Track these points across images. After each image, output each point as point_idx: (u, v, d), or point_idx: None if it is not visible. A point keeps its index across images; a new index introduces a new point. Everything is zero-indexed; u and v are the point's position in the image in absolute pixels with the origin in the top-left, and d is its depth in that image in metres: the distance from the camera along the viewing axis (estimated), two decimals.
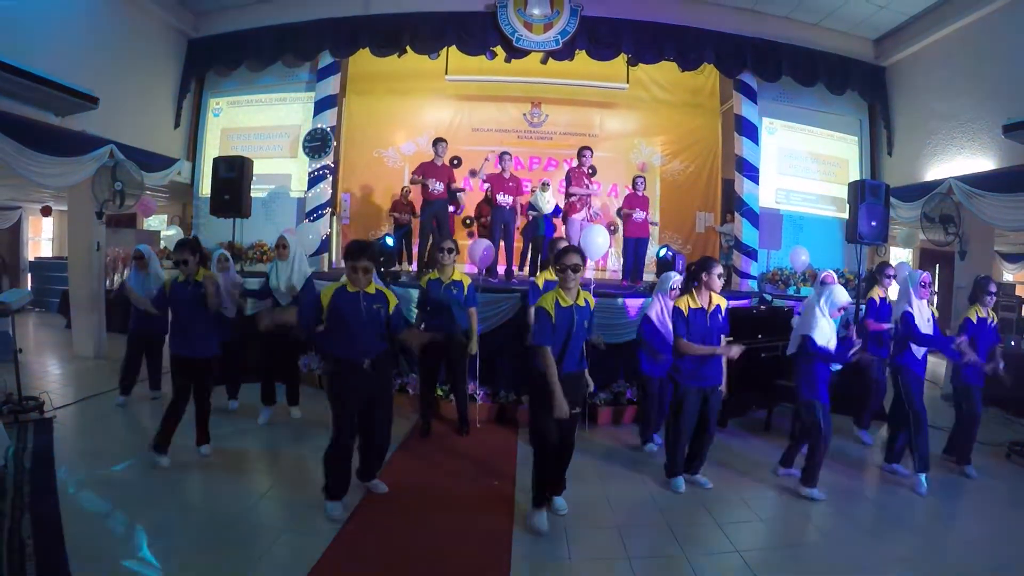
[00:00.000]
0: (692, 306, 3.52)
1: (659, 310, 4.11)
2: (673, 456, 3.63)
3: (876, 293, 4.88)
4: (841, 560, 2.90)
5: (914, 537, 3.18)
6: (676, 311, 3.55)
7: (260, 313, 3.78)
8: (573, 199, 6.34)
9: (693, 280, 3.59)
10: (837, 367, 3.67)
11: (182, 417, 3.68)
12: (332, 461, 3.05)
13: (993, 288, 4.13)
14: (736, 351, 3.44)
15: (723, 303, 3.60)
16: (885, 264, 5.12)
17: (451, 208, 6.47)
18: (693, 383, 3.52)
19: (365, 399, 3.08)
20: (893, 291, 4.83)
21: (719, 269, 3.54)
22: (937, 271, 9.80)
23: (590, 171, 6.56)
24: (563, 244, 3.92)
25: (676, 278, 4.18)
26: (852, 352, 3.54)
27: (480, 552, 2.83)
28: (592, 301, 3.11)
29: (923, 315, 3.86)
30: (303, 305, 3.06)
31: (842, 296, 3.49)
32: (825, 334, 3.49)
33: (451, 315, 4.27)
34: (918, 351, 3.87)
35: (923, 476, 3.73)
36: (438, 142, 6.31)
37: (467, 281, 4.34)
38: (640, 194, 6.59)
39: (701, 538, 3.06)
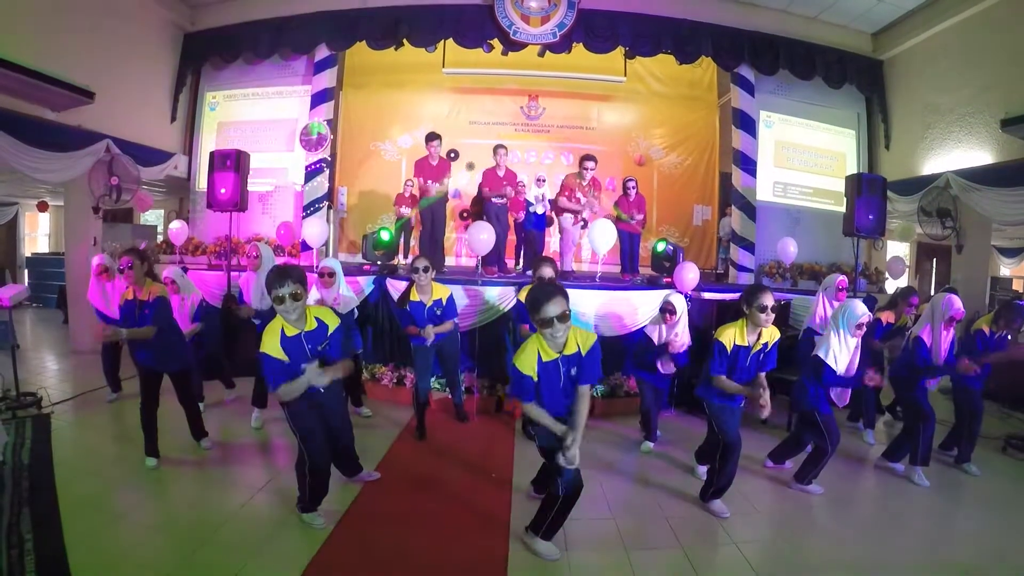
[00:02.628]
0: (738, 342, 3.07)
1: (659, 336, 4.10)
2: (726, 484, 3.27)
3: (889, 317, 4.66)
4: (839, 551, 2.92)
5: (911, 529, 3.20)
6: (718, 344, 3.08)
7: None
8: (562, 208, 6.18)
9: (740, 312, 3.13)
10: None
11: (155, 422, 3.56)
12: (310, 481, 2.91)
13: (1019, 324, 4.03)
14: (767, 411, 3.05)
15: (773, 339, 3.14)
16: (912, 290, 4.76)
17: (450, 197, 6.31)
18: (732, 403, 3.25)
19: (326, 418, 2.98)
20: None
21: (764, 300, 2.98)
22: (934, 265, 9.83)
23: (589, 184, 6.21)
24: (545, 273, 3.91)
25: (676, 301, 4.06)
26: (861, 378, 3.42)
27: (478, 544, 2.85)
28: (587, 342, 2.63)
29: (941, 346, 3.72)
30: (268, 370, 2.60)
31: (858, 311, 3.33)
32: (841, 356, 3.36)
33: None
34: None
35: (921, 469, 3.78)
36: (431, 139, 6.06)
37: (446, 295, 4.24)
38: (631, 199, 6.43)
39: (698, 530, 3.08)
